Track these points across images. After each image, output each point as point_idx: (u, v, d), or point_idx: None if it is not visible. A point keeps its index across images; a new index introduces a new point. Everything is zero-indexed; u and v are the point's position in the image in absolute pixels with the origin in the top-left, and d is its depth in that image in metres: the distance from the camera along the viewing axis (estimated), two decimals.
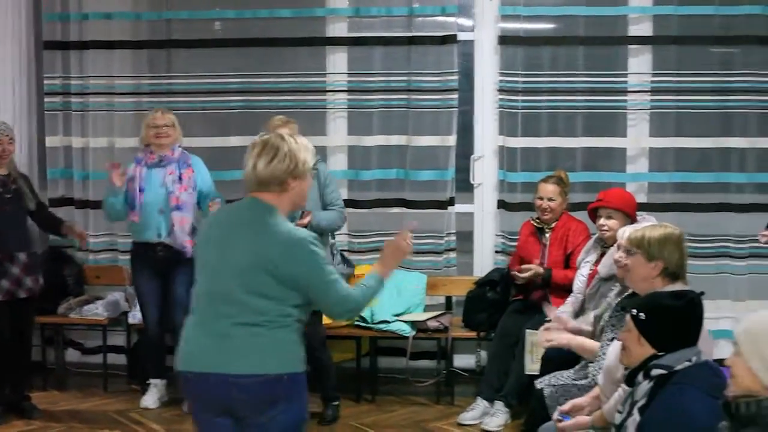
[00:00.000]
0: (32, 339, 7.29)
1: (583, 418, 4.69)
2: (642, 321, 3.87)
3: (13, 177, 7.00)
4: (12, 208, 6.88)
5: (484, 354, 7.46)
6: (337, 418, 6.99)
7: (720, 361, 3.79)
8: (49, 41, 8.19)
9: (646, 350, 3.85)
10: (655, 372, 3.75)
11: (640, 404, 3.76)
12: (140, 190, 7.01)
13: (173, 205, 6.96)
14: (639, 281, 4.74)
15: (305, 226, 6.57)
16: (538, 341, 5.99)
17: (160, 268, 7.07)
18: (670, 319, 3.83)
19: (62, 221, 7.35)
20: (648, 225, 5.01)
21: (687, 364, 3.54)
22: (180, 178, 7.03)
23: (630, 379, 3.90)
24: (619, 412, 3.94)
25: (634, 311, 3.91)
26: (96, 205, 8.04)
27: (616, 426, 3.91)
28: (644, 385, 3.78)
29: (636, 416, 3.73)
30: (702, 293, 4.00)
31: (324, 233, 6.84)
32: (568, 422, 4.69)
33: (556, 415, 4.83)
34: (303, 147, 4.15)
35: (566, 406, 4.83)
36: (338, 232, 7.29)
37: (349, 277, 7.39)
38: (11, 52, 8.07)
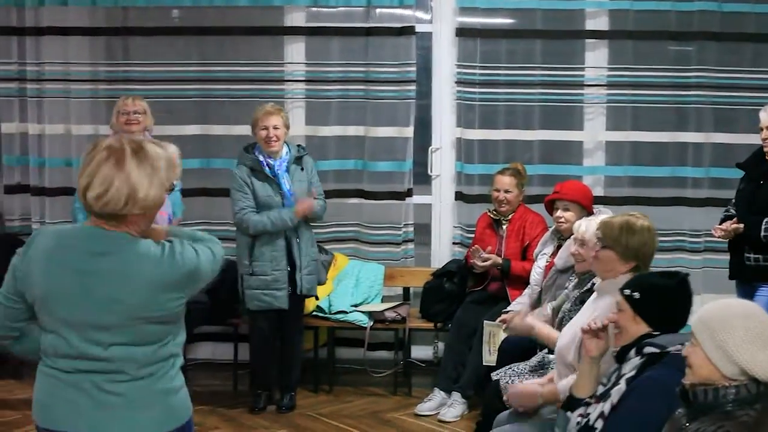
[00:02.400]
0: None
1: (532, 386, 4.77)
2: (637, 300, 3.98)
3: None
4: None
5: (441, 345, 7.51)
6: (294, 407, 7.02)
7: None
8: (4, 27, 8.09)
9: (641, 328, 3.97)
10: (648, 350, 3.80)
11: (628, 376, 3.80)
12: None
13: None
14: (606, 273, 4.76)
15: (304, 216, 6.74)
16: (500, 327, 6.09)
17: None
18: (664, 298, 3.99)
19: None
20: (623, 215, 4.99)
21: (679, 347, 3.57)
22: None
23: (621, 356, 3.95)
24: (603, 384, 3.99)
25: (627, 291, 4.02)
26: (52, 192, 8.00)
27: (597, 396, 3.95)
28: (635, 360, 3.83)
29: (623, 386, 3.77)
30: (688, 274, 4.13)
31: (308, 223, 6.91)
32: (517, 384, 4.83)
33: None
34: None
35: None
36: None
37: (329, 264, 7.45)
38: None
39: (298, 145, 7.10)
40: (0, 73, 8.11)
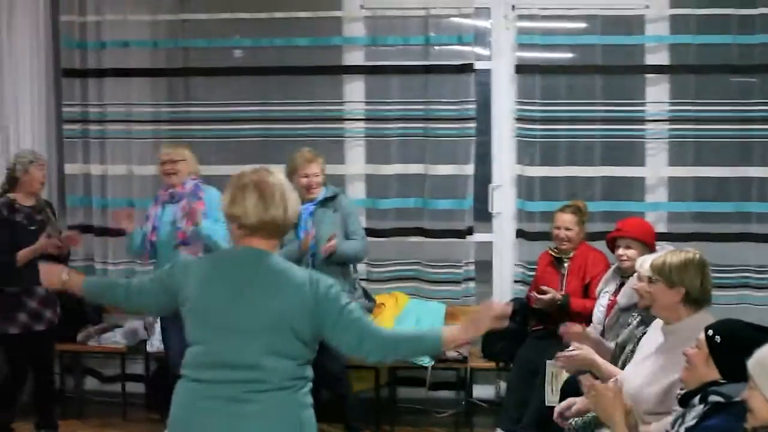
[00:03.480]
0: (53, 368, 7.29)
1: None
2: (716, 344, 3.82)
3: (39, 208, 7.00)
4: (35, 240, 6.80)
5: (503, 384, 7.46)
6: None
7: None
8: (67, 69, 8.21)
9: (710, 373, 3.80)
10: (713, 398, 3.70)
11: (688, 424, 3.73)
12: (153, 229, 7.00)
13: (179, 240, 6.87)
14: (662, 309, 4.69)
15: (332, 253, 6.63)
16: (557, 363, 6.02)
17: None
18: (745, 350, 3.62)
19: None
20: (668, 251, 4.98)
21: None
22: (189, 213, 6.98)
23: (684, 401, 3.87)
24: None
25: (710, 332, 3.86)
26: (115, 233, 8.03)
27: None
28: (698, 408, 3.74)
29: None
30: None
31: (347, 264, 6.86)
32: None
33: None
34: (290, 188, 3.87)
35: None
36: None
37: (370, 311, 7.42)
38: (30, 79, 8.08)
39: (332, 187, 7.10)
40: (64, 114, 8.21)
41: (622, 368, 5.19)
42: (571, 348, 6.31)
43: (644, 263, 5.29)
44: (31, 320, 6.82)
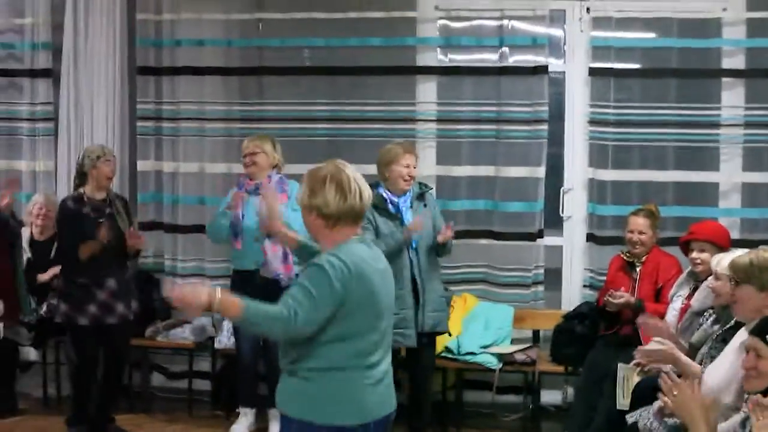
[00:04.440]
0: (125, 363, 7.35)
1: None
2: None
3: (109, 201, 7.06)
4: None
5: (570, 390, 7.39)
6: None
7: None
8: (142, 67, 8.29)
9: None
10: None
11: None
12: (242, 217, 7.05)
13: (264, 233, 6.96)
14: (750, 312, 4.60)
15: (446, 241, 6.69)
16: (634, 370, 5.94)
17: (258, 296, 7.00)
18: None
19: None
20: (751, 251, 4.86)
21: None
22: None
23: None
24: None
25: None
26: (185, 229, 8.13)
27: None
28: None
29: None
30: None
31: (441, 257, 6.99)
32: None
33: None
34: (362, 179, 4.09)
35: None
36: None
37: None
38: (105, 76, 8.17)
39: (420, 183, 7.08)
40: (138, 111, 8.30)
41: None
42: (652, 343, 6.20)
43: (722, 261, 5.22)
44: (101, 313, 6.87)
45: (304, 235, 4.39)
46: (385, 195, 6.86)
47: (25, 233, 7.83)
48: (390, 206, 6.84)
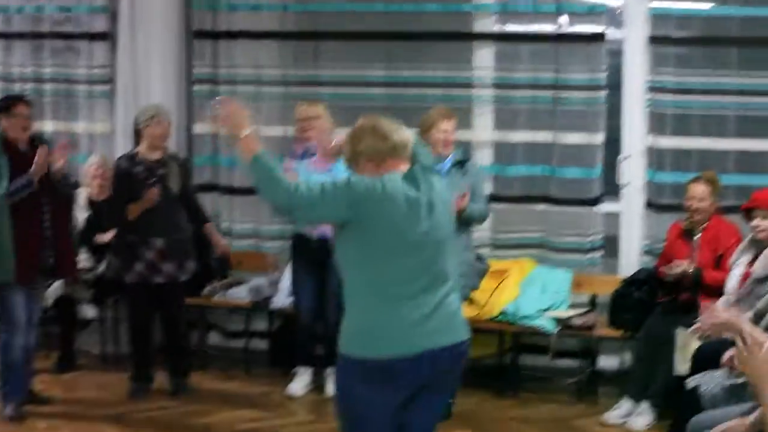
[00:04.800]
0: (182, 323, 7.43)
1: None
2: None
3: (163, 161, 7.10)
4: None
5: (627, 355, 7.39)
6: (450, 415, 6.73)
7: None
8: (198, 30, 8.32)
9: None
10: None
11: None
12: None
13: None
14: None
15: (462, 210, 6.60)
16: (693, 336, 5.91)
17: (317, 258, 7.05)
18: None
19: (206, 220, 7.52)
20: None
21: None
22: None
23: None
24: None
25: None
26: (241, 192, 8.14)
27: None
28: None
29: None
30: None
31: (469, 225, 6.84)
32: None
33: None
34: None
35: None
36: (482, 228, 7.32)
37: (483, 274, 7.40)
38: (162, 39, 8.22)
39: (463, 150, 7.09)
40: (194, 75, 8.33)
41: None
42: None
43: None
44: (148, 272, 6.94)
45: None
46: None
47: (84, 193, 7.89)
48: None
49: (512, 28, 7.98)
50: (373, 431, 4.06)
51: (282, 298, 7.75)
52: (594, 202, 7.74)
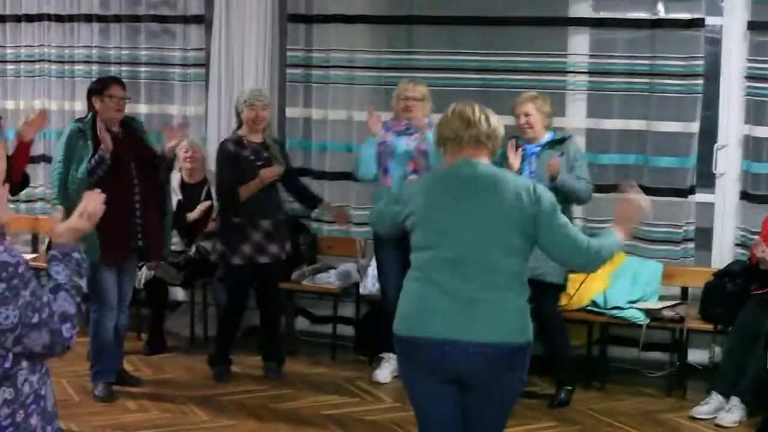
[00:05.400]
0: (278, 302, 7.56)
1: None
2: None
3: (267, 144, 7.15)
4: None
5: (718, 349, 7.26)
6: (567, 402, 6.90)
7: None
8: (292, 14, 8.33)
9: None
10: None
11: None
12: (391, 155, 7.08)
13: (410, 170, 7.00)
14: None
15: (554, 175, 6.62)
16: None
17: (403, 245, 7.02)
18: None
19: (320, 199, 7.60)
20: None
21: None
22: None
23: None
24: None
25: None
26: (333, 176, 8.16)
27: None
28: None
29: None
30: None
31: (567, 200, 6.75)
32: None
33: None
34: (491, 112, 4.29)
35: None
36: (574, 215, 7.23)
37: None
38: (256, 23, 8.25)
39: (561, 131, 7.08)
40: (288, 59, 8.34)
41: None
42: None
43: None
44: (254, 253, 7.00)
45: None
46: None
47: (175, 176, 7.96)
48: None
49: (608, 14, 7.85)
50: (421, 415, 4.20)
51: (370, 284, 7.76)
52: (688, 192, 7.60)
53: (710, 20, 7.61)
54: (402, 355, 4.21)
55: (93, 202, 3.21)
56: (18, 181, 6.27)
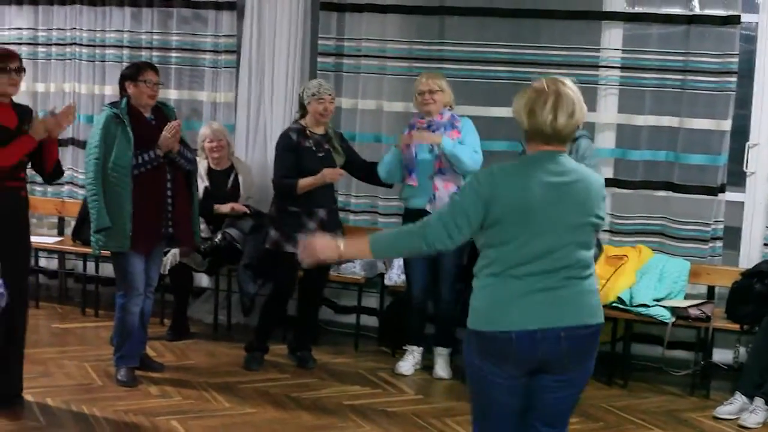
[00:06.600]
0: (323, 292, 7.68)
1: None
2: None
3: (329, 136, 7.17)
4: (322, 167, 7.02)
5: (742, 350, 7.21)
6: None
7: None
8: (325, 2, 8.30)
9: None
10: None
11: None
12: (415, 155, 7.05)
13: (436, 169, 6.98)
14: None
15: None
16: None
17: None
18: None
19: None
20: None
21: None
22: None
23: None
24: None
25: None
26: None
27: None
28: None
29: None
30: None
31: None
32: None
33: None
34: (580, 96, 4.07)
35: None
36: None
37: (596, 258, 7.24)
38: (288, 10, 8.26)
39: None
40: (319, 47, 8.32)
41: None
42: None
43: None
44: None
45: None
46: None
47: (202, 163, 7.96)
48: None
49: (642, 9, 7.78)
50: (495, 408, 4.08)
51: (395, 275, 7.74)
52: (718, 190, 7.53)
53: (746, 17, 7.53)
54: (485, 351, 4.00)
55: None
56: (50, 171, 6.25)
